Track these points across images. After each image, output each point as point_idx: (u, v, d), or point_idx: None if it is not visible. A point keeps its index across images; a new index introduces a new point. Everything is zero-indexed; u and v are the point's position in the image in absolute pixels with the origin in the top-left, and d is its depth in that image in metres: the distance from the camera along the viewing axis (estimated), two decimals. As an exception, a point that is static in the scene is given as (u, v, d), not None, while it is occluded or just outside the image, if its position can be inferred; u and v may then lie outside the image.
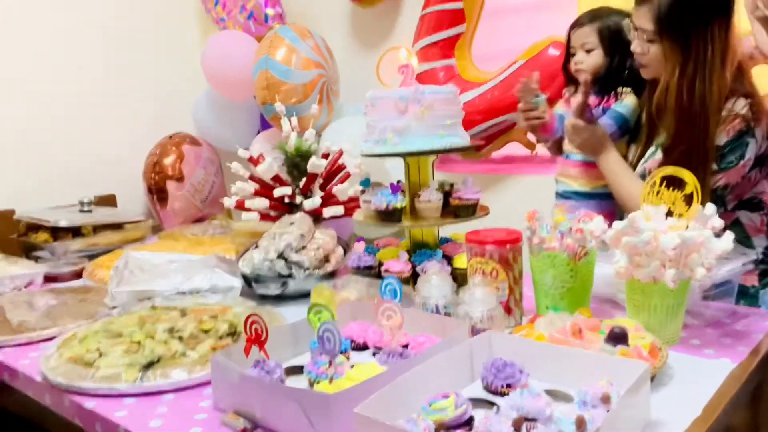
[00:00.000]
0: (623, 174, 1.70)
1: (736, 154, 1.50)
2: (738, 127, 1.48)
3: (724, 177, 1.53)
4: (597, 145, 1.72)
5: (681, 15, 1.47)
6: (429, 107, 1.59)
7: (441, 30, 2.43)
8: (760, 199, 1.64)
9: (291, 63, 2.41)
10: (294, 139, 2.08)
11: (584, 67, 1.82)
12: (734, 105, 1.49)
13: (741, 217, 1.63)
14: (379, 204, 1.61)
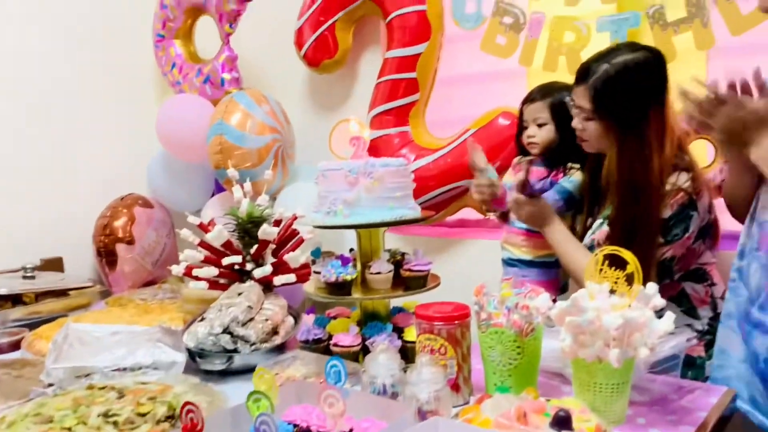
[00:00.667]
0: (569, 245, 1.72)
1: (681, 227, 1.54)
2: (681, 200, 1.53)
3: (671, 249, 1.56)
4: (540, 218, 1.76)
5: (616, 96, 1.53)
6: (379, 179, 1.60)
7: (396, 98, 2.48)
8: (705, 271, 1.68)
9: (246, 128, 2.41)
10: (246, 205, 2.07)
11: (537, 140, 1.87)
12: (677, 179, 1.54)
13: (686, 287, 1.66)
14: (329, 276, 1.60)
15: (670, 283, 1.64)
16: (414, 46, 2.42)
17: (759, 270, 1.31)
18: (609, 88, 1.53)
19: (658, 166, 1.52)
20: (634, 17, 2.02)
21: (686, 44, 1.97)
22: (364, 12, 2.61)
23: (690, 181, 1.53)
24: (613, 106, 1.54)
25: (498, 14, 2.27)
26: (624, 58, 1.53)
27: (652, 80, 1.52)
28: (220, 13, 2.63)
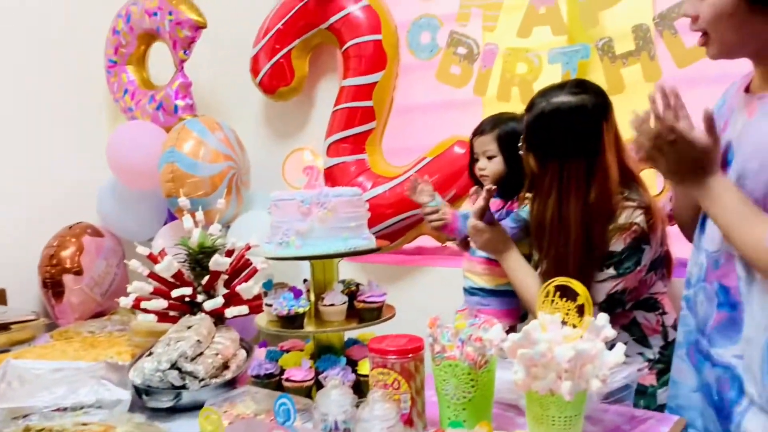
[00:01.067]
0: (524, 273, 1.73)
1: (633, 260, 1.56)
2: (634, 234, 1.54)
3: (623, 282, 1.57)
4: (498, 245, 1.76)
5: (543, 135, 1.56)
6: (333, 210, 1.58)
7: (352, 126, 2.48)
8: (656, 300, 1.69)
9: (198, 155, 2.37)
10: (197, 235, 2.02)
11: (487, 173, 1.88)
12: (632, 215, 1.55)
13: (638, 316, 1.67)
14: (281, 309, 1.56)
15: (622, 312, 1.65)
16: (370, 75, 2.43)
17: (705, 301, 1.32)
18: (538, 127, 1.56)
19: (577, 210, 1.53)
20: (584, 49, 2.07)
21: (634, 76, 2.02)
22: (320, 40, 2.61)
23: (644, 216, 1.54)
24: (538, 145, 1.57)
25: (452, 45, 2.29)
26: (561, 99, 1.54)
27: (584, 127, 1.52)
28: (174, 40, 2.59)
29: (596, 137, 1.52)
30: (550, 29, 2.12)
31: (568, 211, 1.53)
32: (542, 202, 1.58)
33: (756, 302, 1.20)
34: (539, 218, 1.60)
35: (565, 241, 1.55)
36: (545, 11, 2.11)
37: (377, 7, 2.45)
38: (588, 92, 1.55)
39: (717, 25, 1.18)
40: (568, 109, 1.52)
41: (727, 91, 1.41)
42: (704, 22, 1.19)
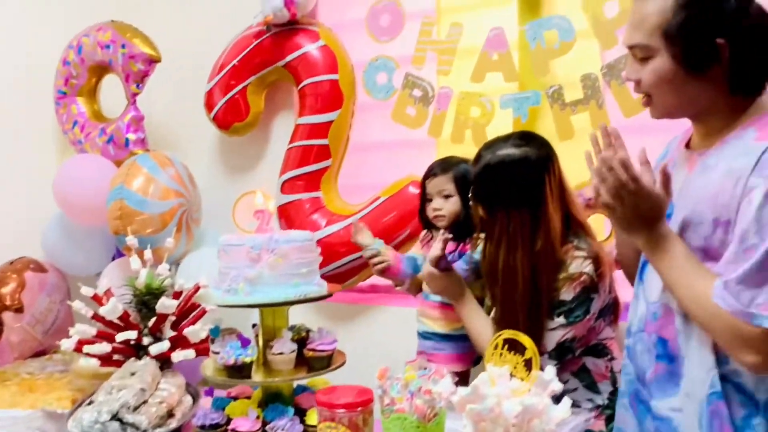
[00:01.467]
0: (478, 319, 1.74)
1: (582, 309, 1.58)
2: (583, 283, 1.56)
3: (572, 330, 1.59)
4: (454, 291, 1.77)
5: (487, 189, 1.60)
6: (283, 256, 1.57)
7: (307, 164, 2.47)
8: (605, 346, 1.71)
9: (148, 192, 2.33)
10: (144, 276, 1.97)
11: (443, 213, 1.88)
12: (581, 264, 1.57)
13: (587, 363, 1.69)
14: (227, 359, 1.53)
15: (571, 358, 1.66)
16: (326, 114, 2.44)
17: (644, 352, 1.34)
18: (484, 178, 1.60)
19: (525, 258, 1.55)
20: (534, 96, 2.11)
21: (583, 124, 2.07)
22: (276, 77, 2.61)
23: (592, 266, 1.57)
24: (484, 196, 1.61)
25: (408, 87, 2.32)
26: (505, 152, 1.57)
27: (527, 179, 1.56)
28: (127, 73, 2.55)
29: (540, 188, 1.55)
30: (502, 75, 2.16)
31: (515, 262, 1.55)
32: (492, 252, 1.60)
33: (695, 357, 1.22)
34: (490, 267, 1.62)
35: (514, 291, 1.56)
36: (498, 58, 2.16)
37: (334, 47, 2.46)
38: (532, 144, 1.59)
39: (658, 89, 1.21)
40: (511, 162, 1.56)
41: (669, 144, 1.45)
42: (646, 86, 1.22)
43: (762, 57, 1.16)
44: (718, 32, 1.12)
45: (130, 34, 2.54)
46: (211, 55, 2.65)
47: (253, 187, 2.70)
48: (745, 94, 1.18)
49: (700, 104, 1.21)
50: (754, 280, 1.09)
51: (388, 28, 2.35)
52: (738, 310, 1.10)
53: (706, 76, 1.16)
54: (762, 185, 1.08)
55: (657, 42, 1.17)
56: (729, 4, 1.12)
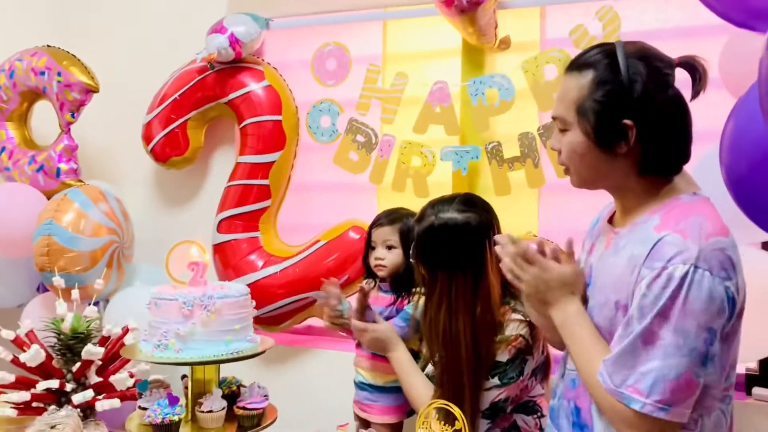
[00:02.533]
0: (409, 373, 1.75)
1: (516, 371, 1.61)
2: (518, 345, 1.60)
3: (506, 391, 1.62)
4: (382, 344, 1.79)
5: (430, 252, 1.62)
6: (217, 312, 1.55)
7: (246, 203, 2.44)
8: (535, 402, 1.75)
9: (79, 229, 2.25)
10: (70, 320, 1.90)
11: (385, 263, 1.90)
12: (517, 327, 1.60)
13: (518, 420, 1.72)
14: (155, 417, 1.49)
15: (503, 416, 1.69)
16: (268, 154, 2.42)
17: (564, 417, 1.38)
18: (427, 241, 1.62)
19: (467, 323, 1.58)
20: (474, 150, 2.16)
21: (520, 181, 2.13)
22: (218, 113, 2.58)
23: (527, 328, 1.61)
24: (427, 258, 1.63)
25: (351, 132, 2.33)
26: (449, 216, 1.60)
27: (469, 244, 1.59)
28: (62, 102, 2.47)
29: (481, 254, 1.58)
30: (444, 128, 2.20)
31: (458, 326, 1.57)
32: (433, 315, 1.62)
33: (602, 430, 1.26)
34: (431, 330, 1.63)
35: (457, 355, 1.58)
36: (440, 110, 2.19)
37: (279, 87, 2.45)
38: (474, 210, 1.62)
39: (572, 161, 1.26)
40: (454, 226, 1.59)
41: (601, 211, 1.50)
42: (563, 157, 1.28)
43: (672, 141, 1.21)
44: (626, 113, 1.17)
45: (66, 61, 2.46)
46: (151, 87, 2.59)
47: (189, 222, 2.66)
48: (655, 175, 1.23)
49: (613, 180, 1.26)
50: (626, 361, 1.14)
51: (334, 72, 2.36)
52: (611, 389, 1.16)
53: (615, 154, 1.21)
54: (648, 276, 1.13)
55: (572, 116, 1.23)
56: (639, 88, 1.16)
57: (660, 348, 1.11)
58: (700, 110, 2.02)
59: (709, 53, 1.85)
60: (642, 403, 1.11)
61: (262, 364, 2.46)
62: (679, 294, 1.10)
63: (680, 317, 1.10)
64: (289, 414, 1.81)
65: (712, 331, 1.11)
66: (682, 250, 1.11)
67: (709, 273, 1.10)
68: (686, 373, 1.11)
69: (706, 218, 1.17)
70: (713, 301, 1.10)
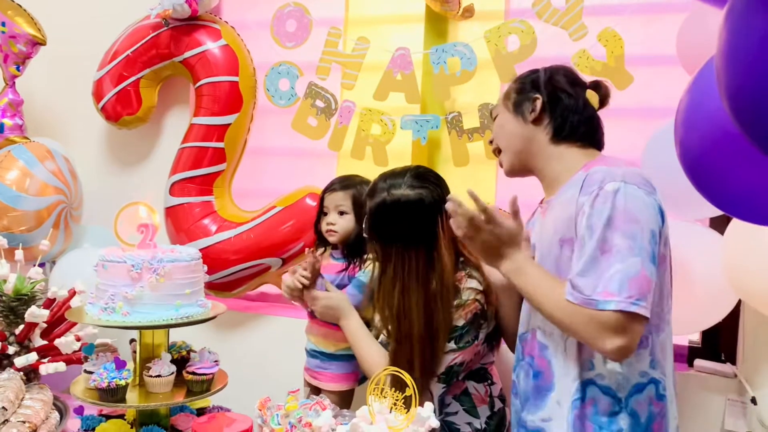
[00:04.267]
0: (363, 339, 1.76)
1: (472, 335, 1.63)
2: (474, 310, 1.62)
3: (461, 355, 1.64)
4: (335, 312, 1.79)
5: (382, 228, 1.62)
6: (166, 276, 1.51)
7: (200, 166, 2.38)
8: (486, 370, 1.78)
9: (24, 188, 2.16)
10: (14, 280, 1.84)
11: (336, 229, 1.89)
12: (473, 293, 1.62)
13: (469, 387, 1.74)
14: (101, 381, 1.45)
15: (456, 381, 1.71)
16: (224, 116, 2.35)
17: (524, 377, 1.47)
18: (379, 217, 1.62)
19: (420, 299, 1.59)
20: (434, 120, 2.15)
21: (479, 151, 2.12)
22: (172, 72, 2.49)
23: (482, 295, 1.64)
24: (379, 235, 1.63)
25: (310, 96, 2.28)
26: (401, 192, 1.60)
27: (421, 220, 1.60)
28: (6, 54, 2.35)
29: (433, 229, 1.59)
30: (404, 96, 2.17)
31: (410, 303, 1.58)
32: (388, 290, 1.62)
33: (560, 369, 1.39)
34: (385, 306, 1.63)
35: (410, 330, 1.59)
36: (401, 78, 2.16)
37: (236, 47, 2.38)
38: (427, 185, 1.62)
39: (501, 138, 1.55)
40: (406, 203, 1.59)
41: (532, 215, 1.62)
42: (496, 139, 1.57)
43: (574, 112, 1.45)
44: (535, 90, 1.48)
45: (11, 11, 2.33)
46: (103, 42, 2.49)
47: (141, 184, 2.58)
48: (568, 141, 1.45)
49: (534, 150, 1.47)
50: (591, 272, 1.27)
51: (294, 34, 2.29)
52: (583, 300, 1.27)
53: (530, 122, 1.47)
54: (588, 199, 1.30)
55: (501, 103, 1.55)
56: (545, 77, 1.48)
57: (616, 253, 1.25)
58: (656, 87, 2.07)
59: (669, 29, 1.89)
60: (616, 302, 1.23)
61: (214, 330, 2.43)
62: (618, 203, 1.26)
63: (625, 223, 1.26)
64: (239, 380, 1.80)
65: (653, 233, 1.28)
66: (610, 173, 1.30)
67: (636, 187, 1.29)
68: (642, 270, 1.24)
69: (621, 163, 1.37)
70: (647, 206, 1.29)
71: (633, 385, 1.35)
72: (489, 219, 1.38)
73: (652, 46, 2.03)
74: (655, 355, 1.36)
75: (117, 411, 1.68)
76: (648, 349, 1.35)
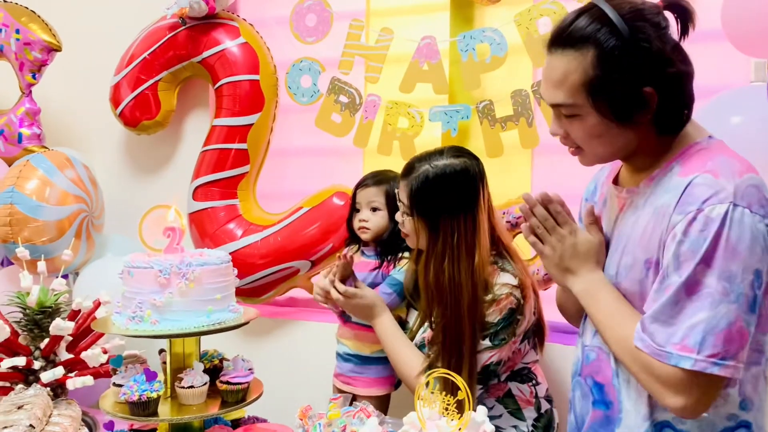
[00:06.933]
0: (397, 340, 1.69)
1: (508, 331, 1.55)
2: (509, 305, 1.54)
3: (497, 353, 1.56)
4: (368, 311, 1.71)
5: (431, 198, 1.56)
6: (196, 281, 1.43)
7: (223, 169, 2.31)
8: (529, 370, 1.70)
9: (44, 197, 2.10)
10: (37, 293, 1.77)
11: (369, 225, 1.82)
12: (504, 283, 1.55)
13: (512, 388, 1.66)
14: (131, 394, 1.38)
15: (497, 383, 1.63)
16: (245, 116, 2.28)
17: (582, 398, 1.31)
18: (425, 189, 1.56)
19: (469, 271, 1.54)
20: (465, 110, 2.06)
21: (513, 141, 2.03)
22: (191, 73, 2.43)
23: (518, 289, 1.56)
24: (427, 207, 1.56)
25: (333, 92, 2.20)
26: (445, 162, 1.56)
27: (468, 188, 1.56)
28: (21, 62, 2.30)
29: (477, 199, 1.56)
30: (432, 87, 2.09)
31: (461, 274, 1.53)
32: (437, 266, 1.56)
33: (631, 405, 1.19)
34: (436, 282, 1.57)
35: (457, 307, 1.53)
36: (428, 68, 2.08)
37: (255, 45, 2.31)
38: (468, 156, 1.60)
39: (588, 143, 1.18)
40: (453, 171, 1.56)
41: (597, 175, 1.43)
42: (577, 141, 1.19)
43: (686, 94, 1.14)
44: (646, 81, 1.09)
45: (25, 18, 2.28)
46: (119, 46, 2.43)
47: (163, 190, 2.52)
48: (672, 134, 1.17)
49: (631, 149, 1.19)
50: (669, 317, 1.07)
51: (314, 29, 2.22)
52: (654, 351, 1.08)
53: (637, 123, 1.13)
54: (683, 221, 1.06)
55: (582, 99, 1.13)
56: (649, 51, 1.08)
57: (706, 297, 1.03)
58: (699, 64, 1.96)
59: (712, 2, 1.79)
60: (693, 360, 1.03)
61: (241, 338, 2.36)
62: (721, 235, 1.02)
63: (724, 261, 1.02)
64: (274, 388, 1.72)
65: (757, 273, 1.04)
66: (718, 189, 1.04)
67: (749, 210, 1.03)
68: (737, 322, 1.03)
69: (732, 157, 1.11)
70: (756, 240, 1.03)
71: (719, 431, 1.13)
72: (561, 223, 1.22)
73: (695, 21, 1.92)
74: (745, 394, 1.13)
75: (148, 425, 1.61)
76: (737, 388, 1.12)
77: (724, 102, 1.72)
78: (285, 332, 2.41)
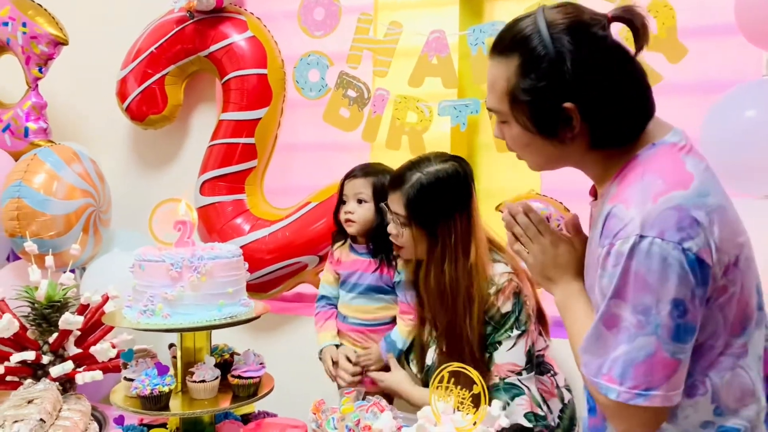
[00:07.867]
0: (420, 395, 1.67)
1: (524, 314, 1.58)
2: (513, 289, 1.58)
3: (527, 336, 1.58)
4: (393, 393, 1.73)
5: (428, 205, 1.58)
6: (207, 274, 1.42)
7: (231, 164, 2.30)
8: (544, 359, 1.69)
9: (51, 191, 2.09)
10: (45, 287, 1.76)
11: (355, 218, 1.81)
12: (504, 275, 1.59)
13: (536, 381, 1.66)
14: (143, 389, 1.37)
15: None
16: (253, 111, 2.27)
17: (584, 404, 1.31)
18: (422, 197, 1.58)
19: (466, 269, 1.57)
20: (474, 104, 2.04)
21: (522, 135, 2.01)
22: (198, 67, 2.42)
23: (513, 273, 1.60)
24: (425, 214, 1.59)
25: (341, 86, 2.19)
26: (435, 168, 1.60)
27: (462, 189, 1.59)
28: (27, 56, 2.29)
29: (471, 198, 1.60)
30: (441, 81, 2.07)
31: (458, 273, 1.56)
32: (437, 270, 1.58)
33: None
34: (437, 287, 1.59)
35: (459, 304, 1.55)
36: (437, 62, 2.06)
37: (263, 38, 2.30)
38: (455, 160, 1.63)
39: (519, 151, 1.17)
40: (446, 175, 1.59)
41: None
42: (511, 147, 1.19)
43: (624, 107, 1.06)
44: (564, 96, 1.03)
45: (32, 11, 2.27)
46: (126, 40, 2.42)
47: (169, 185, 2.51)
48: (612, 148, 1.10)
49: (570, 161, 1.14)
50: (597, 348, 1.05)
51: (322, 23, 2.20)
52: (590, 380, 1.07)
53: (563, 139, 1.07)
54: (602, 254, 1.04)
55: (506, 108, 1.10)
56: (570, 64, 1.01)
57: (623, 330, 1.01)
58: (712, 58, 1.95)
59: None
60: (617, 392, 1.02)
61: (249, 333, 2.35)
62: (630, 269, 0.99)
63: (635, 294, 0.99)
64: (284, 383, 1.71)
65: (675, 302, 0.98)
66: (627, 222, 1.00)
67: (660, 239, 0.97)
68: (657, 353, 0.99)
69: (658, 174, 1.03)
70: (669, 269, 0.97)
71: None
72: (542, 232, 1.21)
73: (707, 14, 1.91)
74: (720, 401, 1.07)
75: (158, 420, 1.60)
76: (707, 396, 1.06)
77: (737, 96, 1.71)
78: (292, 328, 2.41)
